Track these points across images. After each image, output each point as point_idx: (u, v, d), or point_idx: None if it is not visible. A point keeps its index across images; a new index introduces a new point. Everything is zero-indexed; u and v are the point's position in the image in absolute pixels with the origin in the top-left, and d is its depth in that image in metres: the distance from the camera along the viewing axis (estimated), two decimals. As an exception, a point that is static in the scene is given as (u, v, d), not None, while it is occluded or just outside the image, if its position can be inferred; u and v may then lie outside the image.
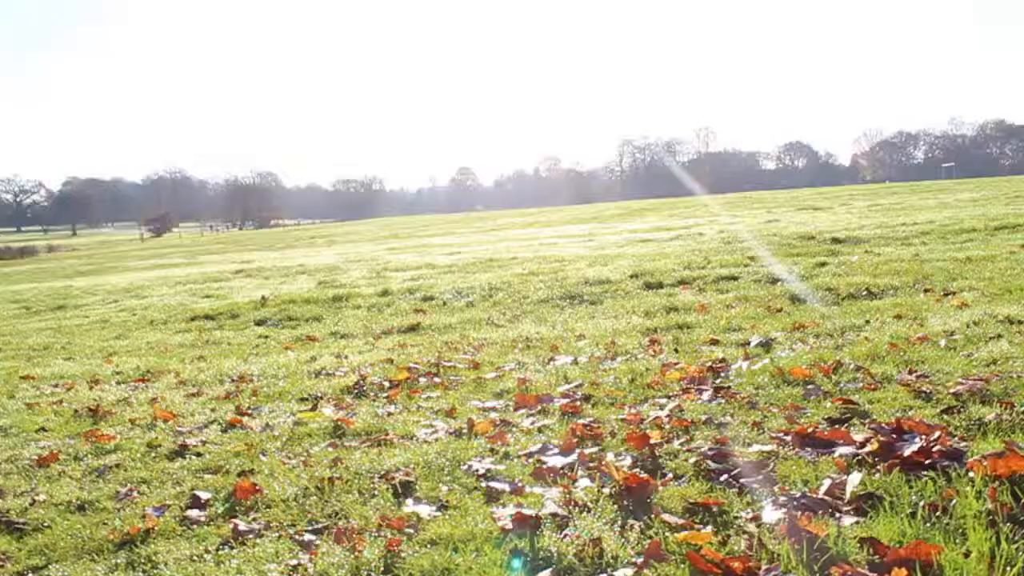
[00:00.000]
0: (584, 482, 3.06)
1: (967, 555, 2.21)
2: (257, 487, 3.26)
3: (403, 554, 2.58)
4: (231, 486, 3.31)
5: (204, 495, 3.25)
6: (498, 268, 12.02)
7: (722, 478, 2.99)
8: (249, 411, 4.71)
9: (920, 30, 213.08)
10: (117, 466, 3.78)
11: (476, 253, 15.24)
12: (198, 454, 3.90)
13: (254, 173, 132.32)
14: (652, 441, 3.38)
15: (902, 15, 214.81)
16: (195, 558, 2.70)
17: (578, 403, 4.26)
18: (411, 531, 2.75)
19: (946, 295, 6.90)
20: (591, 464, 3.23)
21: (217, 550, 2.74)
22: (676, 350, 5.59)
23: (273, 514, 3.03)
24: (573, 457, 3.31)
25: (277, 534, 2.84)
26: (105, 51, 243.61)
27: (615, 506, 2.81)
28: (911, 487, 2.74)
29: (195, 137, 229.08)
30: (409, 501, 3.04)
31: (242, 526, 2.90)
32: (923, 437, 3.12)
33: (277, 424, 4.35)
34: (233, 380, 5.68)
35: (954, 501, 2.56)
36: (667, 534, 2.52)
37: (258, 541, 2.78)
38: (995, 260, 8.66)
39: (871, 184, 68.73)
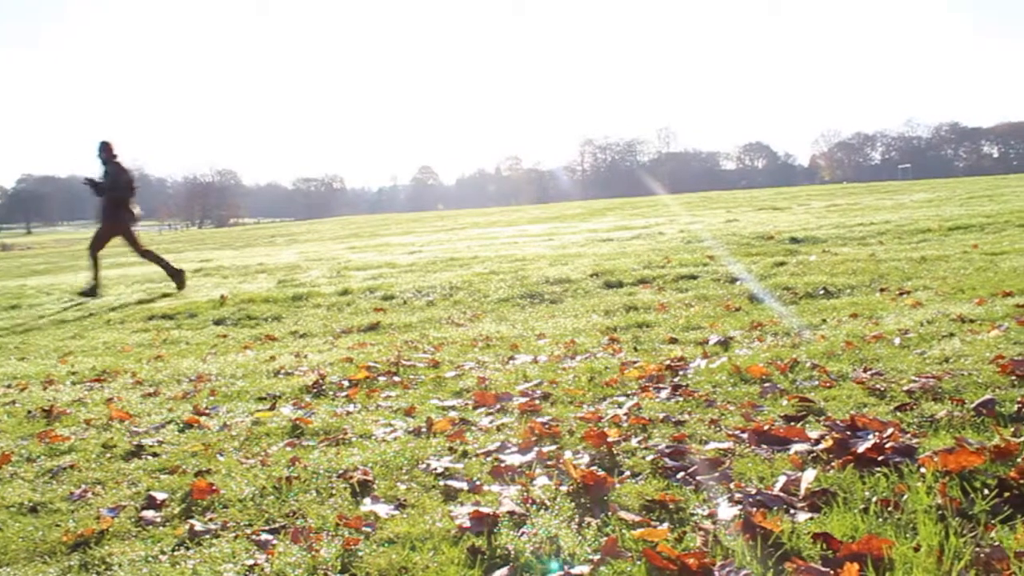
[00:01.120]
0: (542, 480, 3.07)
1: (917, 549, 2.25)
2: (214, 487, 3.23)
3: (360, 553, 2.57)
4: (188, 486, 3.28)
5: (160, 496, 3.22)
6: (459, 267, 12.00)
7: (679, 475, 3.02)
8: (207, 411, 4.67)
9: (877, 33, 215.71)
10: (71, 467, 3.73)
11: (437, 252, 15.21)
12: (154, 454, 3.86)
13: (213, 171, 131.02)
14: (610, 439, 3.40)
15: (859, 18, 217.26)
16: (150, 559, 2.67)
17: (537, 402, 4.27)
18: (369, 530, 2.74)
19: (901, 294, 6.99)
20: (549, 462, 3.24)
21: (173, 551, 2.72)
22: (635, 349, 5.62)
23: (230, 514, 3.01)
24: (531, 455, 3.32)
25: (234, 534, 2.81)
26: (60, 47, 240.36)
27: (573, 504, 2.82)
28: (864, 483, 2.78)
29: (153, 134, 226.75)
30: (367, 500, 3.03)
31: (198, 526, 2.88)
32: (876, 434, 3.16)
33: (235, 424, 4.32)
34: (191, 380, 5.63)
35: (905, 496, 2.60)
36: (624, 531, 2.53)
37: (214, 541, 2.75)
38: (949, 260, 8.79)
39: (829, 184, 69.43)
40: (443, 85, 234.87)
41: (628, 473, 3.11)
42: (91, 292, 11.85)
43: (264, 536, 2.76)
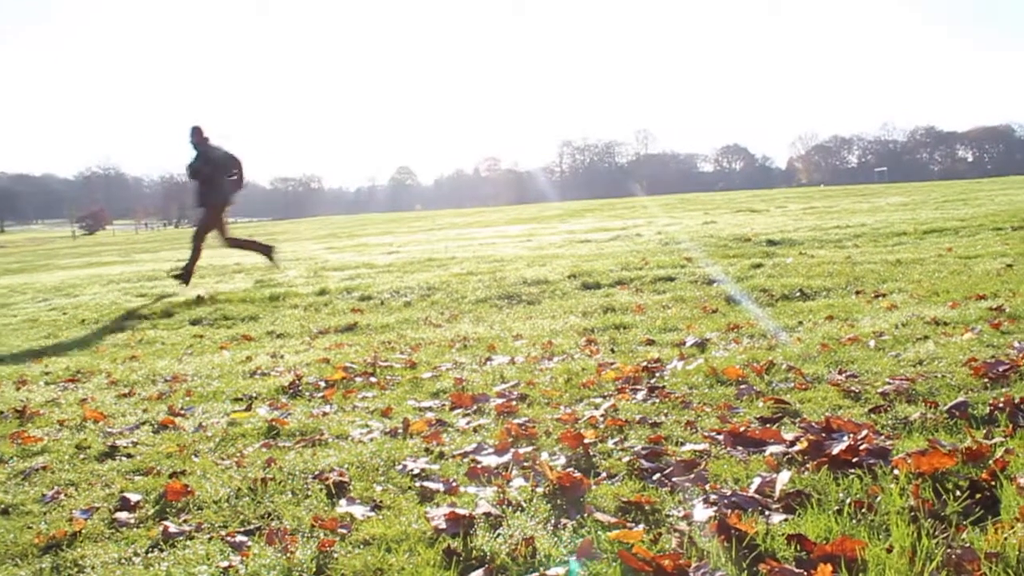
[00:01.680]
0: (518, 481, 3.07)
1: (890, 550, 2.26)
2: (189, 488, 3.21)
3: (336, 555, 2.56)
4: (162, 488, 3.25)
5: (134, 497, 3.19)
6: (437, 268, 11.99)
7: (655, 477, 3.02)
8: (182, 411, 4.64)
9: (854, 37, 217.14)
10: (44, 468, 3.69)
11: (415, 253, 15.19)
12: (129, 455, 3.83)
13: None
14: (586, 440, 3.40)
15: (836, 22, 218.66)
16: (123, 561, 2.65)
17: (514, 403, 4.27)
18: (344, 531, 2.73)
19: (876, 297, 7.04)
20: (526, 464, 3.24)
21: (147, 553, 2.70)
22: (612, 350, 5.63)
23: (205, 516, 2.99)
24: (508, 457, 3.32)
25: (208, 536, 2.80)
26: (34, 45, 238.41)
27: (549, 505, 2.82)
28: (839, 485, 2.79)
29: (130, 133, 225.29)
30: (343, 501, 3.02)
31: (172, 528, 2.85)
32: (851, 436, 3.18)
33: (210, 425, 4.29)
34: (166, 380, 5.60)
35: (879, 498, 2.62)
36: (599, 533, 2.54)
37: (188, 543, 2.74)
38: (924, 263, 8.86)
39: (806, 187, 69.83)
40: (421, 85, 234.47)
41: (604, 474, 3.12)
42: (184, 278, 11.77)
43: (239, 538, 2.74)
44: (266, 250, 12.42)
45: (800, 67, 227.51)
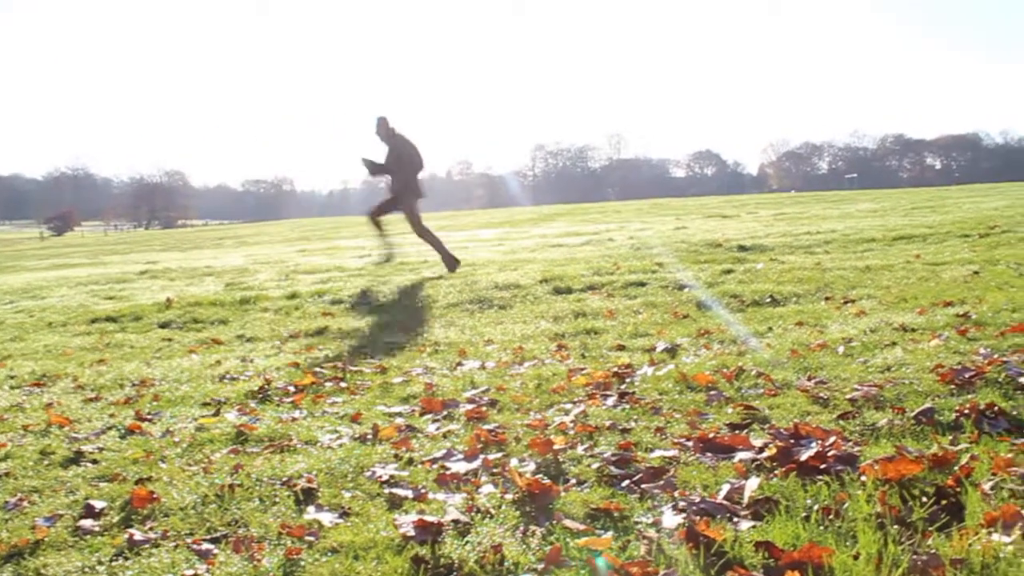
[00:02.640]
0: (488, 488, 3.06)
1: (856, 557, 2.27)
2: (155, 495, 3.17)
3: (303, 563, 2.54)
4: (128, 494, 3.21)
5: (99, 504, 3.15)
6: (408, 271, 11.96)
7: (624, 483, 3.02)
8: (149, 416, 4.59)
9: (825, 45, 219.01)
10: (7, 475, 3.64)
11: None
12: (94, 461, 3.78)
13: (161, 172, 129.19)
14: (556, 447, 3.40)
15: (807, 30, 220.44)
16: (87, 570, 2.62)
17: (484, 408, 4.26)
18: (312, 539, 2.71)
19: (846, 303, 7.08)
20: (495, 470, 3.23)
21: (111, 561, 2.66)
22: (583, 355, 5.63)
23: (171, 523, 2.96)
24: (477, 463, 3.31)
25: (174, 543, 2.77)
26: (1, 43, 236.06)
27: (518, 512, 2.81)
28: (807, 491, 2.81)
29: (99, 134, 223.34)
30: (311, 508, 2.99)
31: (138, 536, 2.82)
32: (819, 442, 3.20)
33: (178, 430, 4.25)
34: (134, 384, 5.54)
35: (846, 504, 2.63)
36: (568, 540, 2.53)
37: (154, 551, 2.71)
38: (892, 269, 8.92)
39: (777, 193, 70.25)
40: (394, 88, 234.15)
41: (574, 481, 3.12)
42: (451, 265, 11.62)
43: (205, 545, 2.72)
44: (450, 259, 11.82)
45: (772, 74, 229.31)
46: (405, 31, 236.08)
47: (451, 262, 11.67)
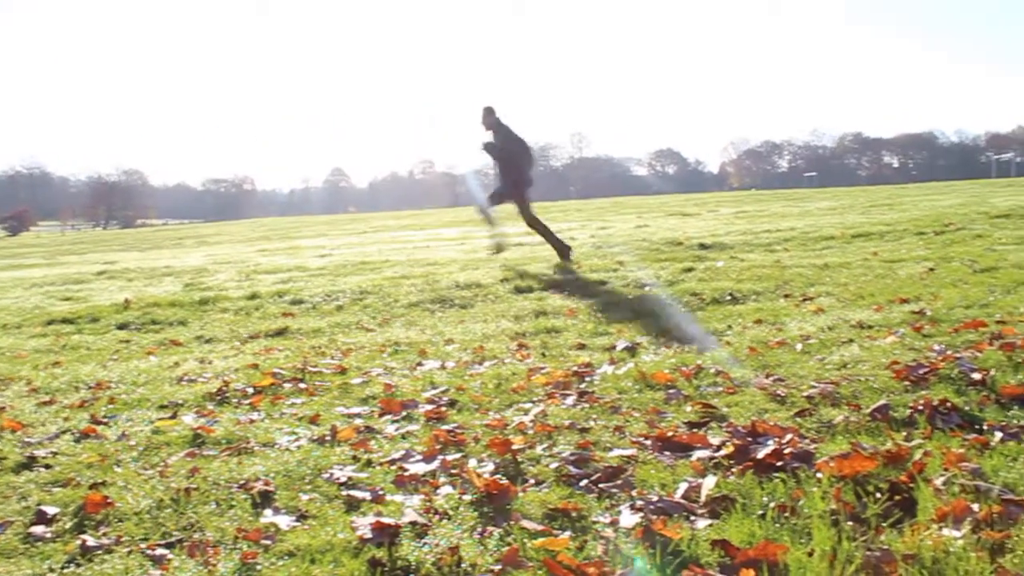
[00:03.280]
0: (446, 489, 3.05)
1: (811, 554, 2.29)
2: (109, 500, 3.13)
3: (259, 567, 2.52)
4: (81, 500, 3.16)
5: (51, 510, 3.10)
6: (370, 271, 11.91)
7: (582, 483, 3.03)
8: (105, 420, 4.53)
9: (785, 44, 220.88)
10: (-43, 481, 3.58)
11: (348, 256, 15.07)
12: (47, 466, 3.72)
13: (119, 170, 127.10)
14: (515, 447, 3.39)
15: (767, 29, 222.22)
16: (37, 577, 2.58)
17: (443, 409, 4.24)
18: (268, 543, 2.68)
19: (804, 300, 7.15)
20: (453, 471, 3.23)
21: (62, 568, 2.62)
22: (544, 354, 5.64)
23: (125, 528, 2.92)
24: (435, 464, 3.30)
25: (128, 549, 2.73)
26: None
27: (476, 513, 2.81)
28: (763, 489, 2.83)
29: (55, 132, 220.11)
30: (268, 511, 2.97)
31: (91, 542, 2.78)
32: (776, 440, 3.22)
33: (134, 433, 4.19)
34: (90, 387, 5.46)
35: (802, 501, 2.65)
36: (525, 541, 2.53)
37: (107, 557, 2.67)
38: (850, 267, 9.02)
39: (738, 191, 70.73)
40: (355, 86, 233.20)
41: (532, 481, 3.12)
42: (565, 254, 11.55)
43: (159, 551, 2.68)
44: (563, 249, 11.81)
45: (732, 73, 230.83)
46: (366, 28, 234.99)
47: (564, 251, 11.68)
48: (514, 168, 11.55)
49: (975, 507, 2.45)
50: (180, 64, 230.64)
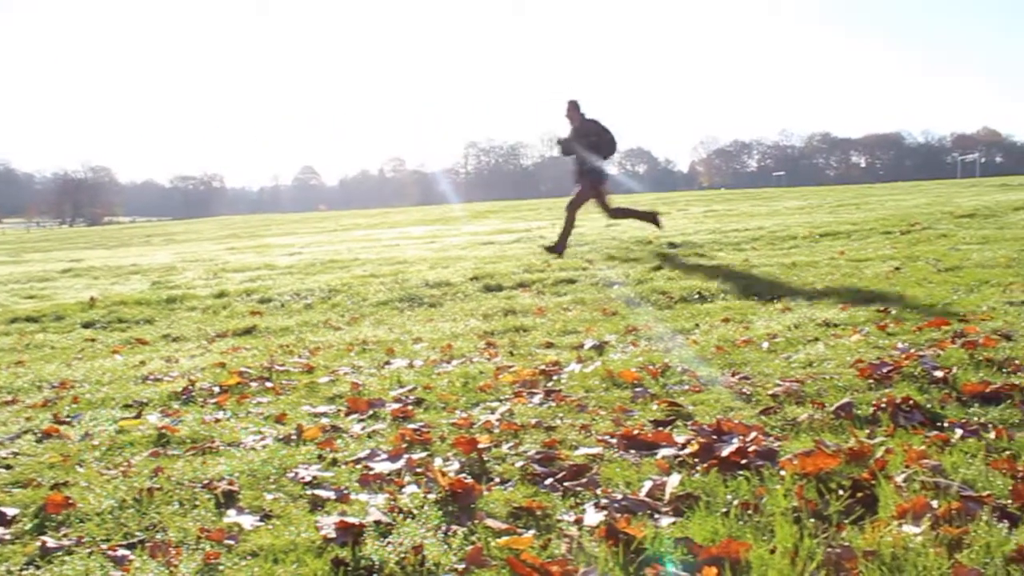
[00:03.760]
0: (411, 488, 3.04)
1: (773, 551, 2.30)
2: (71, 500, 3.09)
3: (221, 567, 2.50)
4: (42, 500, 3.11)
5: (11, 511, 3.05)
6: (339, 269, 11.87)
7: (547, 482, 3.03)
8: (68, 419, 4.48)
9: (755, 44, 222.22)
10: (-86, 482, 3.52)
11: (317, 254, 15.01)
12: (8, 467, 3.67)
13: (86, 167, 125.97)
14: (481, 445, 3.39)
15: (736, 29, 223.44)
16: (-5, 579, 2.55)
17: (410, 407, 4.23)
18: (231, 543, 2.66)
19: (772, 299, 7.19)
20: (419, 470, 3.22)
21: (20, 570, 2.58)
22: (512, 353, 5.63)
23: (87, 529, 2.89)
24: (401, 463, 3.29)
25: (89, 550, 2.69)
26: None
27: (440, 512, 2.80)
28: (727, 487, 2.84)
29: (20, 127, 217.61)
30: (232, 511, 2.94)
31: (51, 543, 2.74)
32: (741, 438, 3.24)
33: (98, 433, 4.15)
34: (53, 386, 5.41)
35: (765, 499, 2.67)
36: (489, 539, 2.53)
37: (67, 559, 2.63)
38: (817, 266, 9.08)
39: (707, 190, 71.03)
40: (325, 83, 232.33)
41: (497, 480, 3.11)
42: (557, 249, 11.60)
43: (121, 551, 2.65)
44: (651, 217, 12.13)
45: (702, 73, 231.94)
46: (336, 23, 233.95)
47: (560, 249, 11.76)
48: (592, 167, 11.69)
49: (935, 503, 2.47)
50: (149, 60, 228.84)
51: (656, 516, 2.64)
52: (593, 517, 2.63)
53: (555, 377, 4.73)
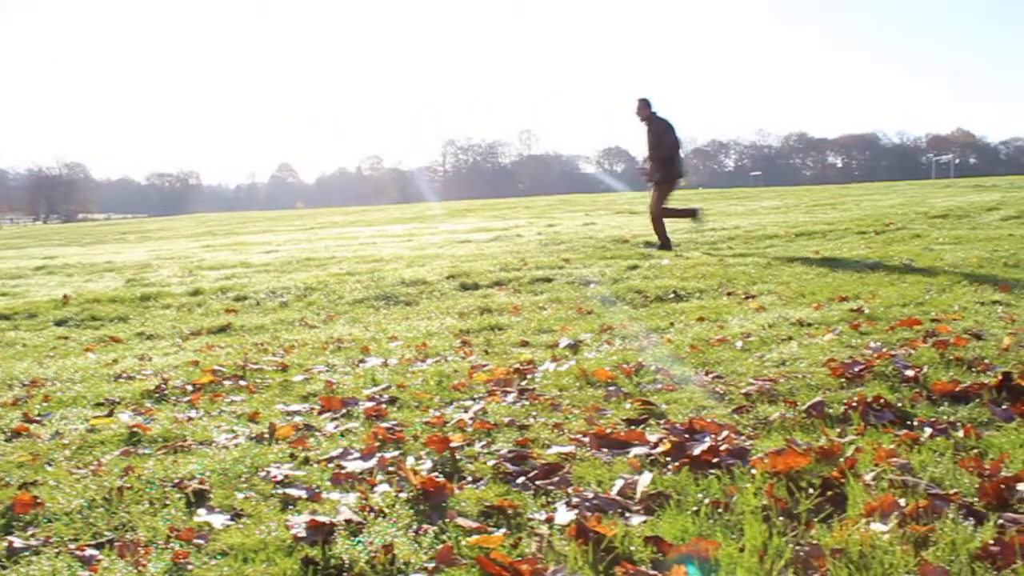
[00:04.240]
0: (382, 487, 3.03)
1: (742, 550, 2.31)
2: (39, 500, 3.06)
3: (190, 567, 2.48)
4: (10, 500, 3.09)
5: (-22, 511, 3.03)
6: (315, 267, 11.83)
7: (519, 480, 3.03)
8: (38, 418, 4.44)
9: (732, 45, 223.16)
10: None
11: (294, 252, 14.96)
12: (-24, 466, 3.64)
13: (60, 163, 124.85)
14: (453, 444, 3.39)
15: (713, 29, 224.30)
16: (-39, 580, 2.52)
17: (384, 406, 4.22)
18: (201, 542, 2.65)
19: (747, 298, 7.23)
20: (391, 468, 3.21)
21: (-14, 571, 2.57)
22: (487, 352, 5.63)
23: (55, 528, 2.86)
24: (373, 462, 3.28)
25: (56, 550, 2.67)
26: None
27: (411, 511, 2.79)
28: (698, 485, 2.85)
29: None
30: (202, 511, 2.93)
31: (18, 543, 2.72)
32: (712, 436, 3.25)
33: (68, 431, 4.12)
34: (24, 385, 5.36)
35: (735, 498, 2.68)
36: (460, 538, 2.53)
37: (34, 559, 2.61)
38: (792, 265, 9.13)
39: (685, 190, 71.18)
40: (302, 81, 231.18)
41: (470, 478, 3.11)
42: (667, 246, 11.77)
43: (89, 551, 2.63)
44: (691, 213, 12.27)
45: (679, 72, 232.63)
46: (313, 21, 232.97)
47: (667, 245, 11.91)
48: (670, 162, 11.77)
49: (902, 502, 2.49)
50: (125, 56, 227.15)
51: (627, 515, 2.65)
52: (564, 516, 2.63)
53: (529, 376, 4.73)
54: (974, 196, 20.05)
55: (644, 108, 11.77)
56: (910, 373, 4.02)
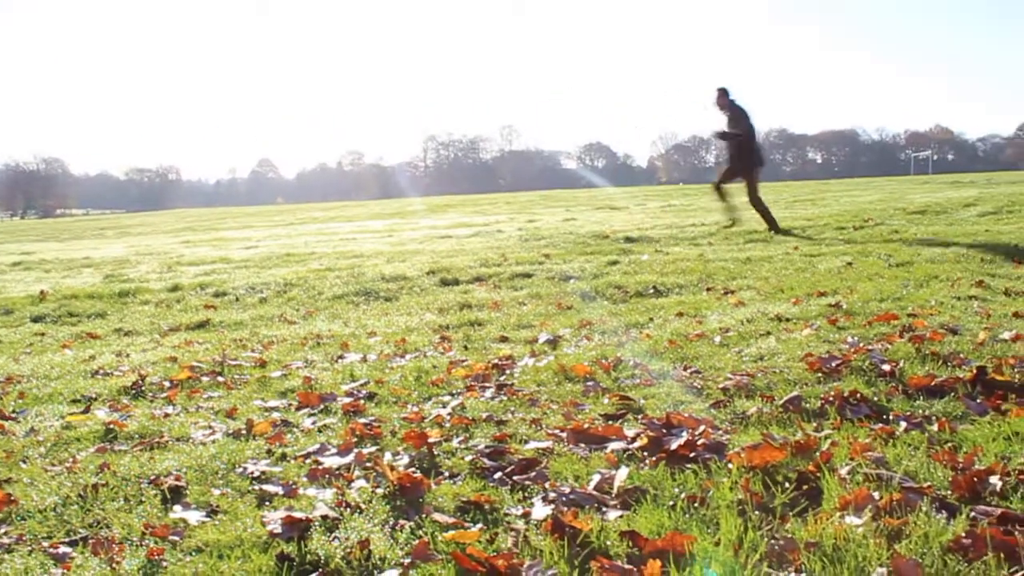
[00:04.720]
0: (360, 483, 3.03)
1: (718, 544, 2.32)
2: (13, 497, 3.05)
3: (165, 563, 2.47)
4: (-17, 498, 3.08)
5: (-49, 510, 3.01)
6: (295, 263, 11.79)
7: (496, 476, 3.03)
8: (13, 415, 4.41)
9: (711, 41, 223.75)
10: None
11: (274, 247, 14.90)
12: (-51, 464, 3.61)
13: (38, 158, 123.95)
14: (431, 440, 3.39)
15: (694, 26, 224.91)
16: (-70, 581, 2.50)
17: (362, 402, 4.22)
18: (176, 539, 2.64)
19: (726, 293, 7.24)
20: (368, 464, 3.20)
21: (-42, 570, 2.55)
22: (466, 347, 5.63)
23: (28, 526, 2.84)
24: (350, 457, 3.28)
25: (30, 548, 2.66)
26: None
27: (388, 506, 2.79)
28: (675, 480, 2.86)
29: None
30: (178, 507, 2.92)
31: (-10, 541, 2.70)
32: (690, 431, 3.26)
33: (43, 428, 4.09)
34: (-1, 381, 5.32)
35: (711, 492, 2.69)
36: (436, 534, 2.53)
37: (6, 557, 2.59)
38: (772, 261, 9.16)
39: (666, 185, 71.37)
40: (282, 76, 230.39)
41: (447, 474, 3.11)
42: (775, 228, 12.19)
43: (63, 549, 2.62)
44: (735, 209, 12.80)
45: (661, 68, 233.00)
46: (294, 16, 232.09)
47: (776, 227, 12.28)
48: (750, 150, 12.06)
49: (877, 495, 2.51)
50: (103, 50, 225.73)
51: (604, 509, 2.65)
52: (541, 511, 2.63)
53: (508, 371, 4.73)
54: (952, 192, 20.17)
55: (723, 97, 12.05)
56: (887, 368, 4.04)
